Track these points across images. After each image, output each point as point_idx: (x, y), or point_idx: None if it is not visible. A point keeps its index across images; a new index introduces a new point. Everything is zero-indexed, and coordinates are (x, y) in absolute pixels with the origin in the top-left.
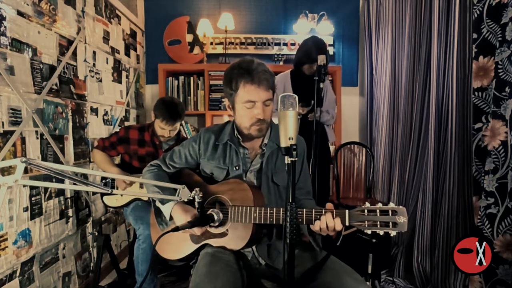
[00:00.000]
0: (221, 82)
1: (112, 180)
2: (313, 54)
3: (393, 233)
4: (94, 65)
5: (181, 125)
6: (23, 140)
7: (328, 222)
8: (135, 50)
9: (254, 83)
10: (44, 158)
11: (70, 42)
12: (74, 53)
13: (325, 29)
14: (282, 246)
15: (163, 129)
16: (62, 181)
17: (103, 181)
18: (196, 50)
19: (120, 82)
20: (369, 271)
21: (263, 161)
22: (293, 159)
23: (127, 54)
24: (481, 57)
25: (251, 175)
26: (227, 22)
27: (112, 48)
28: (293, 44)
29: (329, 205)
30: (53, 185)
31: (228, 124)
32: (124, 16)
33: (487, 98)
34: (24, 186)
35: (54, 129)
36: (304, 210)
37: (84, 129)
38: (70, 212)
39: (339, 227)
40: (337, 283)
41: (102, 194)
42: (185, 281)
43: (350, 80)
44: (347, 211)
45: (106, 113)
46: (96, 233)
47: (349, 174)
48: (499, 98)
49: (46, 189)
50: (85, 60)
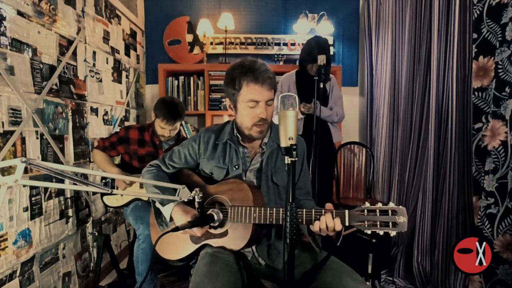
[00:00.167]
0: (221, 82)
1: (112, 180)
2: (314, 54)
3: (393, 233)
4: (94, 65)
5: (181, 125)
6: (23, 140)
7: (327, 222)
8: (135, 50)
9: (258, 83)
10: (44, 158)
11: (70, 42)
12: (74, 53)
13: (325, 29)
14: (282, 246)
15: (163, 129)
16: (62, 181)
17: (103, 181)
18: (196, 50)
19: (120, 82)
20: (369, 271)
21: (263, 160)
22: (293, 159)
23: (127, 54)
24: (481, 57)
25: (251, 174)
26: (227, 22)
27: (112, 48)
28: (293, 44)
29: (328, 205)
30: (53, 185)
31: (228, 123)
32: (124, 16)
33: (487, 98)
34: (24, 186)
35: (54, 129)
36: (304, 210)
37: (84, 129)
38: (70, 212)
39: (339, 227)
40: (337, 283)
41: (102, 194)
42: (185, 281)
43: (350, 80)
44: (347, 211)
45: (106, 113)
46: (96, 233)
47: (349, 174)
48: (499, 98)
49: (46, 189)
50: (85, 60)
